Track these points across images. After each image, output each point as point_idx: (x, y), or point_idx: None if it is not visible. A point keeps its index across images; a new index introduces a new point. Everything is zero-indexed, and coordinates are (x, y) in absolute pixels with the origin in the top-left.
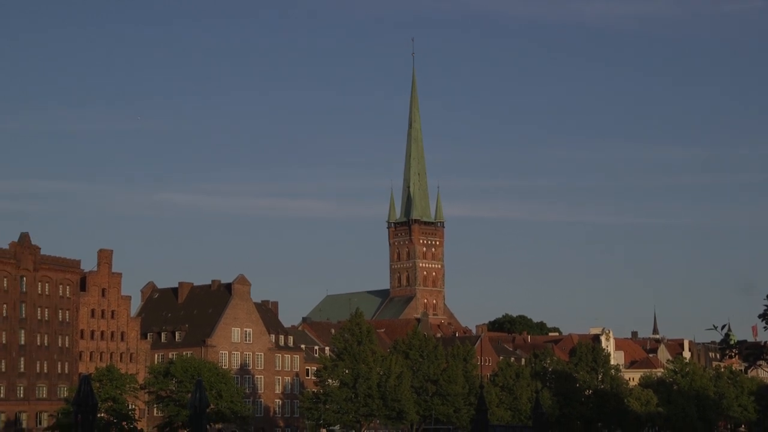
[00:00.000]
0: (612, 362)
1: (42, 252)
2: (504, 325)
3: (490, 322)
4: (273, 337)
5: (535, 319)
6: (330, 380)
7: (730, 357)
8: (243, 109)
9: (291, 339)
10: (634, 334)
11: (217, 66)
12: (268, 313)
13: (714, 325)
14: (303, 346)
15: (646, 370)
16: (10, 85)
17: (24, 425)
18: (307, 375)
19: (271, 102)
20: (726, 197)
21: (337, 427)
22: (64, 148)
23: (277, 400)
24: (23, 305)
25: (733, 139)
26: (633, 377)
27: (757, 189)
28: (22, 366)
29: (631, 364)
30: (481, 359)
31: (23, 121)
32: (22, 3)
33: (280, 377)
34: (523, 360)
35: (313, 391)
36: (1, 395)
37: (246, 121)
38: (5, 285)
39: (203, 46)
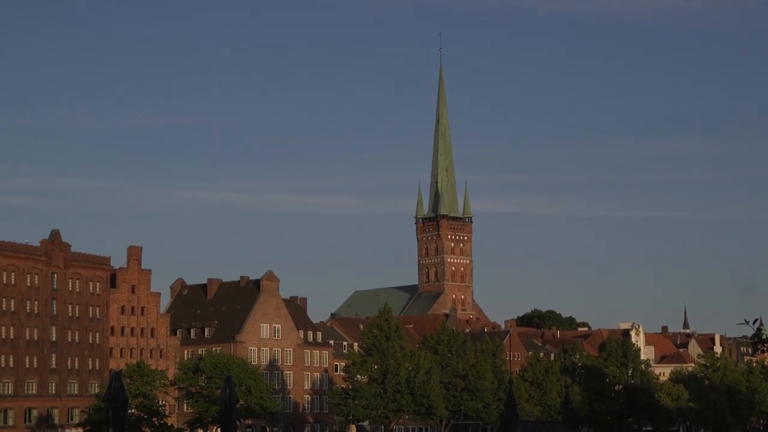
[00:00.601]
0: (642, 357)
1: (72, 249)
2: (533, 320)
3: (518, 317)
4: (302, 333)
5: (565, 314)
6: (359, 376)
7: (762, 352)
8: (272, 106)
9: (320, 335)
10: (665, 328)
11: (246, 62)
12: (296, 309)
13: (746, 320)
14: (332, 342)
15: (676, 365)
16: (41, 82)
17: (56, 421)
18: (336, 371)
19: (299, 98)
20: (757, 192)
21: (366, 423)
22: (94, 145)
23: (306, 396)
24: (54, 302)
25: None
26: (663, 372)
27: None
28: (53, 362)
29: (662, 359)
30: (510, 354)
31: (53, 119)
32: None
33: (309, 373)
34: (552, 355)
35: (342, 387)
36: (34, 391)
37: (275, 117)
38: (36, 282)
39: (231, 42)
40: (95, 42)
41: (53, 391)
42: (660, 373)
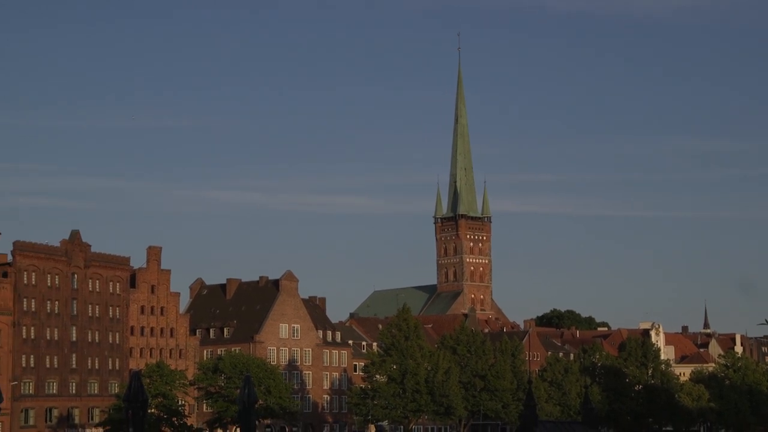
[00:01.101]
0: (662, 357)
1: (92, 249)
2: (552, 320)
3: (537, 317)
4: (321, 332)
5: (584, 314)
6: (378, 376)
7: None
8: (291, 106)
9: (339, 335)
10: (685, 328)
11: (267, 62)
12: (315, 309)
13: (766, 320)
14: (350, 341)
15: (697, 365)
16: (61, 83)
17: (76, 420)
18: (355, 371)
19: (318, 98)
20: None
21: (385, 423)
22: (114, 145)
23: (325, 396)
24: (75, 302)
25: None
26: (684, 372)
27: None
28: (74, 362)
29: (682, 359)
30: (529, 354)
31: (72, 119)
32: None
33: (327, 373)
34: (571, 355)
35: (361, 387)
36: (54, 391)
37: (294, 118)
38: (57, 282)
39: (253, 40)
40: (118, 41)
41: (74, 391)
42: (680, 374)
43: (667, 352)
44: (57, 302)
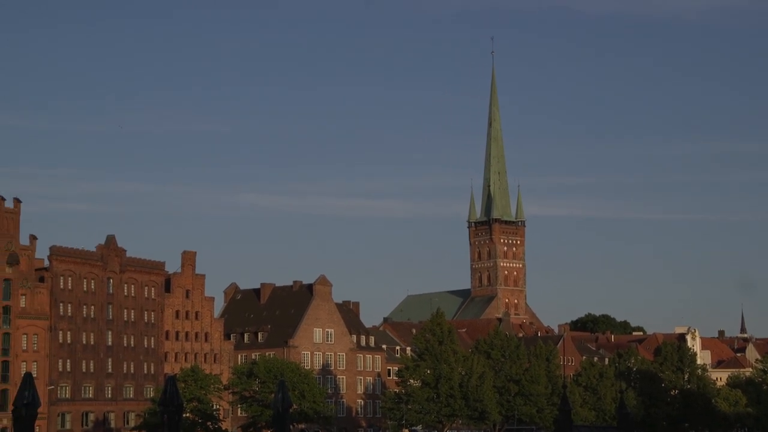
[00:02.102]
0: (698, 362)
1: (128, 254)
2: (587, 324)
3: (572, 321)
4: (354, 337)
5: (619, 318)
6: (412, 380)
7: None
8: (323, 108)
9: (372, 339)
10: (721, 333)
11: (297, 65)
12: (349, 313)
13: None
14: (384, 346)
15: (734, 369)
16: (93, 89)
17: (112, 425)
18: (389, 375)
19: (351, 101)
20: None
21: (419, 428)
22: (149, 150)
23: (359, 401)
24: (110, 307)
25: None
26: (720, 377)
27: None
28: (109, 367)
29: (719, 364)
30: (563, 359)
31: (108, 123)
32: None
33: (361, 377)
34: (606, 360)
35: (395, 392)
36: (90, 395)
37: (328, 122)
38: (93, 287)
39: (281, 45)
40: (148, 47)
41: (109, 395)
42: (717, 378)
43: (703, 357)
44: (93, 307)
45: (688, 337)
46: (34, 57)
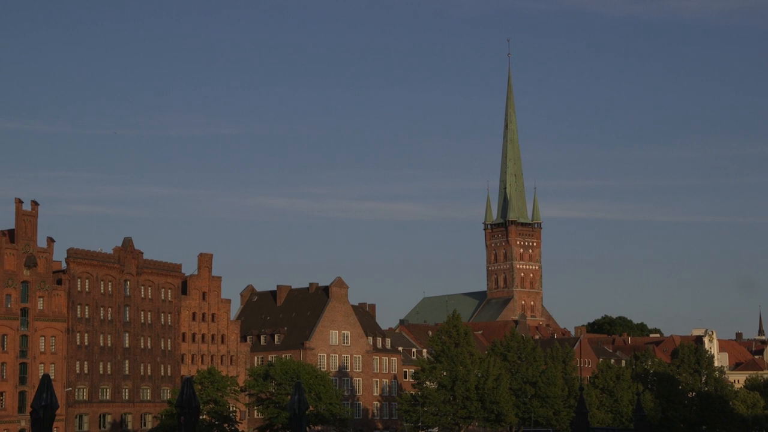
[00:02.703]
0: (716, 364)
1: (144, 257)
2: (603, 326)
3: (589, 323)
4: (371, 339)
5: (635, 321)
6: (428, 382)
7: None
8: (339, 111)
9: (388, 341)
10: (739, 335)
11: (314, 69)
12: (365, 315)
13: None
14: (400, 348)
15: (751, 372)
16: (113, 92)
17: (129, 426)
18: (405, 377)
19: (366, 104)
20: None
21: (435, 429)
22: (165, 154)
23: (375, 403)
24: (127, 309)
25: None
26: (738, 379)
27: None
28: (126, 368)
29: (736, 366)
30: (580, 361)
31: (124, 129)
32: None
33: (378, 379)
34: (623, 362)
35: (411, 393)
36: (107, 397)
37: (342, 124)
38: (110, 289)
39: (299, 48)
40: (166, 52)
41: (126, 397)
42: (734, 381)
43: (720, 359)
44: (110, 309)
45: (706, 339)
46: (53, 62)
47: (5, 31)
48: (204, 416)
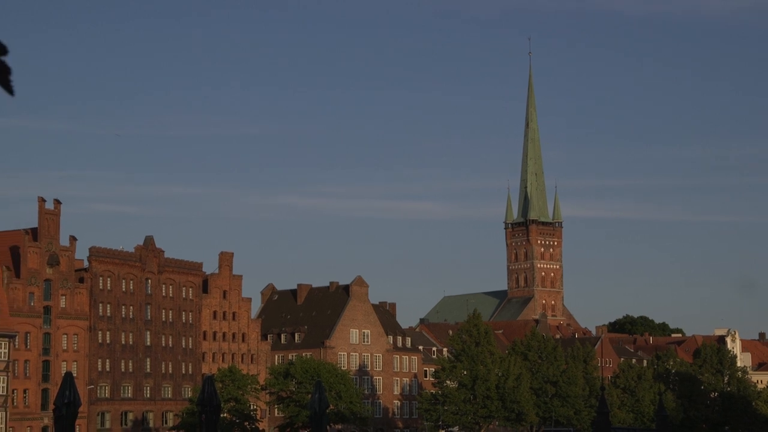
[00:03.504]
0: (739, 364)
1: (166, 255)
2: (624, 326)
3: (610, 323)
4: (391, 338)
5: (657, 320)
6: (448, 381)
7: None
8: (360, 111)
9: (409, 340)
10: (762, 335)
11: (335, 68)
12: (385, 314)
13: None
14: (421, 347)
15: None
16: (135, 91)
17: (151, 424)
18: (425, 376)
19: (386, 103)
20: None
21: (455, 429)
22: (186, 153)
23: (395, 401)
24: (149, 307)
25: None
26: (761, 380)
27: None
28: (148, 366)
29: (759, 366)
30: (601, 360)
31: (145, 127)
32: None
33: (398, 378)
34: (645, 362)
35: (432, 392)
36: (129, 395)
37: (364, 123)
38: (131, 287)
39: (318, 47)
40: (185, 50)
41: (148, 395)
42: (757, 381)
43: (743, 359)
44: (131, 307)
45: (728, 339)
46: (75, 61)
47: (30, 29)
48: (225, 414)
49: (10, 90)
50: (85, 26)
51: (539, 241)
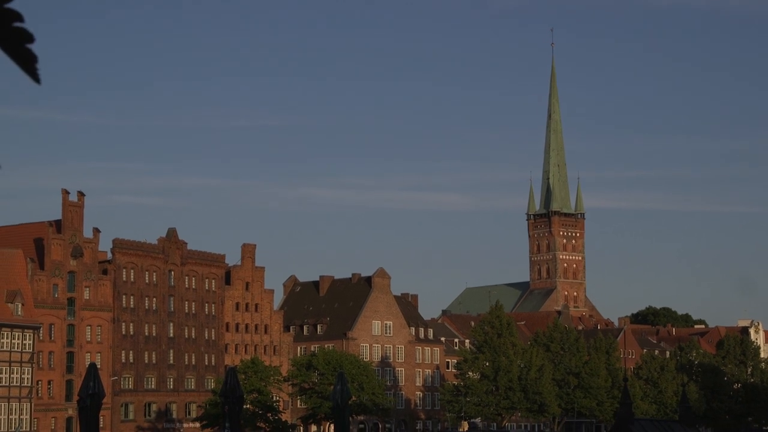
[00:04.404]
0: (762, 355)
1: (188, 247)
2: (647, 317)
3: (632, 314)
4: (413, 329)
5: (680, 312)
6: (470, 373)
7: None
8: (382, 102)
9: (431, 332)
10: None
11: (357, 60)
12: (407, 305)
13: None
14: (443, 338)
15: None
16: (156, 84)
17: (174, 415)
18: (448, 368)
19: (410, 95)
20: None
21: (478, 420)
22: (209, 145)
23: (417, 393)
24: (172, 299)
25: None
26: None
27: None
28: (171, 358)
29: None
30: (624, 352)
31: (169, 119)
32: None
33: (420, 370)
34: (667, 353)
35: (454, 384)
36: (153, 386)
37: (385, 114)
38: (155, 279)
39: (340, 39)
40: (208, 42)
41: (171, 387)
42: None
43: (767, 350)
44: (155, 299)
45: (752, 330)
46: (98, 55)
47: (53, 21)
48: (248, 406)
49: (36, 78)
50: (109, 18)
51: (561, 233)
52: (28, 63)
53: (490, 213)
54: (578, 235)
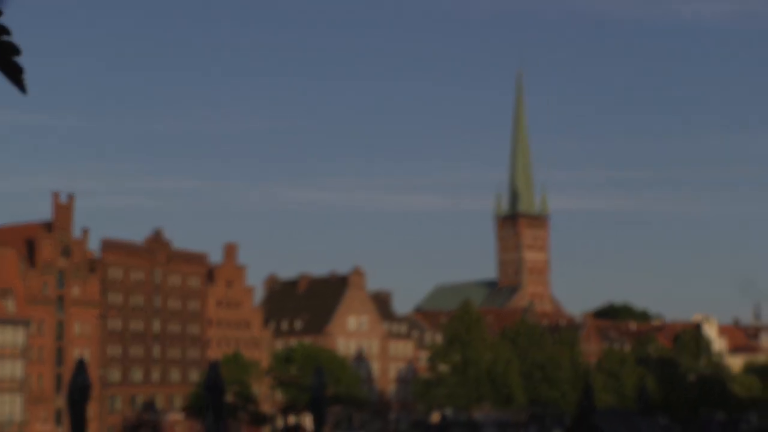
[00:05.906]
0: (715, 349)
1: (173, 247)
2: (608, 313)
3: (594, 310)
4: (387, 325)
5: (639, 307)
6: (441, 366)
7: None
8: (356, 104)
9: (404, 327)
10: (736, 320)
11: (336, 62)
12: (382, 302)
13: None
14: (415, 333)
15: (749, 355)
16: (143, 86)
17: (159, 407)
18: (420, 361)
19: (382, 97)
20: None
21: (448, 410)
22: (194, 148)
23: (391, 385)
24: (157, 296)
25: None
26: (736, 363)
27: None
28: (156, 352)
29: (734, 350)
30: (586, 346)
31: (156, 123)
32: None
33: (393, 363)
34: (627, 347)
35: (426, 377)
36: (139, 379)
37: (359, 116)
38: (141, 277)
39: (320, 42)
40: (199, 44)
41: (156, 380)
42: (733, 364)
43: (719, 344)
44: (141, 296)
45: (705, 325)
46: (84, 58)
47: (43, 28)
48: (229, 397)
49: (23, 88)
50: (100, 18)
51: (527, 233)
52: (15, 74)
53: (461, 213)
54: (543, 235)
